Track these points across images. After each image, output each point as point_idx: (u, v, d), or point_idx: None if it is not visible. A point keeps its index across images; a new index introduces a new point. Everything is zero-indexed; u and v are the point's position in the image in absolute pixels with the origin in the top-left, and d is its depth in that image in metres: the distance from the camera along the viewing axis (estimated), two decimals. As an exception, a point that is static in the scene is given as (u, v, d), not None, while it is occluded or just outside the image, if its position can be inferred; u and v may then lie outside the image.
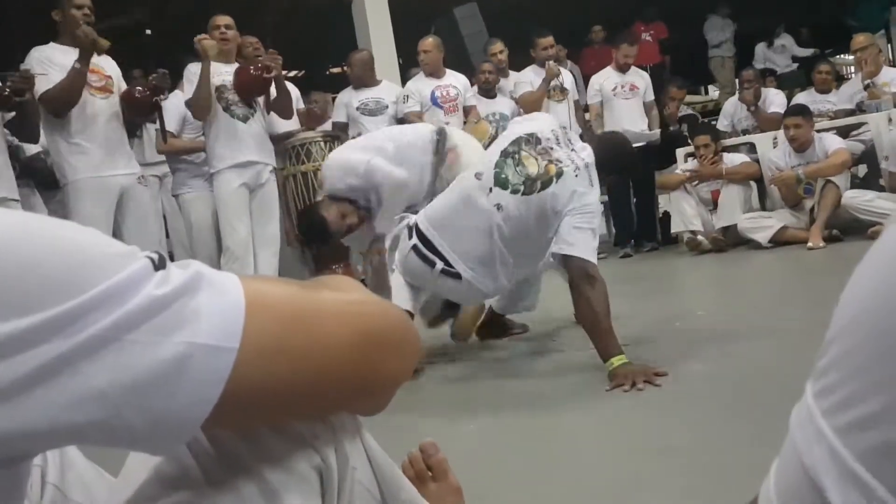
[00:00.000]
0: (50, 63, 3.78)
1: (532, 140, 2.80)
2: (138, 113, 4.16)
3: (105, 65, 4.00)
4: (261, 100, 4.49)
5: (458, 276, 2.80)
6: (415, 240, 2.84)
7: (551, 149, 2.77)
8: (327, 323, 0.56)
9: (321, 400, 0.59)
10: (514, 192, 2.72)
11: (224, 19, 4.41)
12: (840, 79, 6.75)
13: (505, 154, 2.79)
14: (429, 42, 5.79)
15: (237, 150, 4.33)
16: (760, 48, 9.55)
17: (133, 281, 0.47)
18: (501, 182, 2.74)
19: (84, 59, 3.76)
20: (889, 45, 9.07)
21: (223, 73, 4.32)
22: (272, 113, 4.59)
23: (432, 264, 2.80)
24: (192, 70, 4.32)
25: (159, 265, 0.50)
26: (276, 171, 4.58)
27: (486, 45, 6.42)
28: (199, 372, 0.48)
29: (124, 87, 4.08)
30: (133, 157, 4.23)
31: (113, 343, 0.46)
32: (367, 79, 5.57)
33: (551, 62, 5.93)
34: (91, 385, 0.46)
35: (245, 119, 4.37)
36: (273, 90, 4.47)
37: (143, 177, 4.23)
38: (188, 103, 4.35)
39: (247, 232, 4.34)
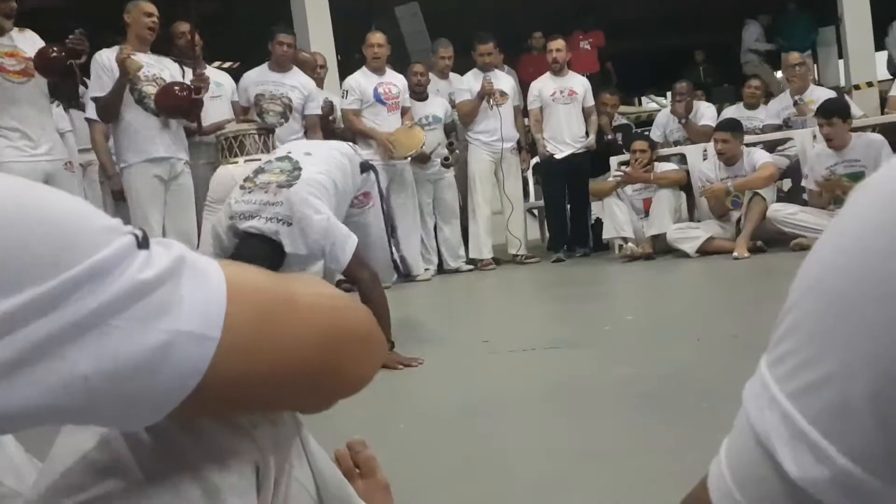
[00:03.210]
0: None
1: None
2: (52, 75, 3.91)
3: (24, 46, 3.80)
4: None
5: None
6: None
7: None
8: (302, 314, 0.55)
9: (292, 392, 0.57)
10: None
11: (153, 7, 4.20)
12: (768, 95, 6.95)
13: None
14: (380, 37, 5.76)
15: (150, 144, 4.18)
16: None
17: (117, 259, 0.46)
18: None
19: None
20: (815, 65, 9.41)
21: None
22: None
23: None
24: (101, 61, 4.13)
25: (143, 243, 0.48)
26: (189, 164, 4.44)
27: (435, 46, 6.42)
28: (180, 360, 0.47)
29: None
30: (59, 142, 4.07)
31: (97, 328, 0.45)
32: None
33: (488, 80, 5.96)
34: (74, 371, 0.44)
35: (158, 112, 4.22)
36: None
37: (69, 163, 4.08)
38: (95, 101, 4.18)
39: (159, 226, 4.21)
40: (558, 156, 6.12)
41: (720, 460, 0.44)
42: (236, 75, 5.53)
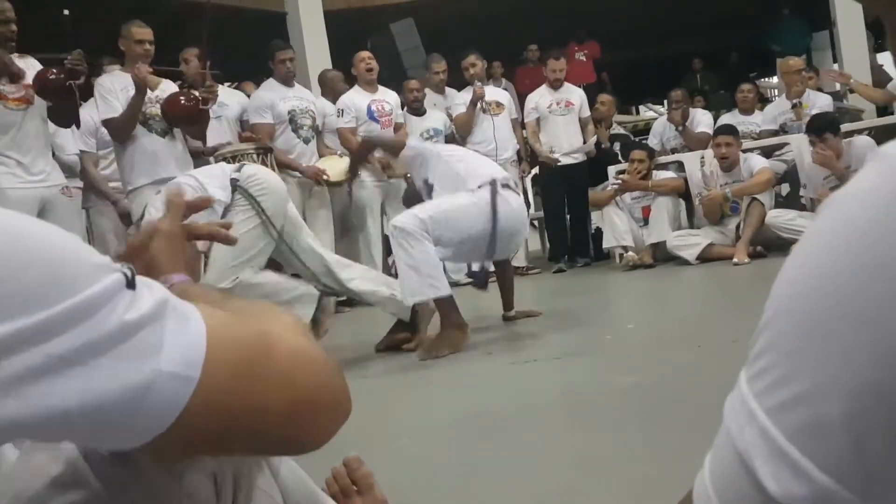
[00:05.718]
0: None
1: None
2: (52, 97, 3.91)
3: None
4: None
5: None
6: None
7: None
8: (281, 367, 0.55)
9: (258, 441, 0.58)
10: None
11: (148, 33, 4.20)
12: (763, 100, 6.97)
13: None
14: (368, 53, 5.79)
15: (156, 165, 4.15)
16: None
17: (105, 297, 0.47)
18: None
19: None
20: (816, 75, 9.46)
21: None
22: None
23: None
24: (105, 85, 4.14)
25: (131, 283, 0.49)
26: None
27: (428, 62, 6.44)
28: (159, 399, 0.48)
29: None
30: (56, 168, 4.09)
31: (83, 365, 0.46)
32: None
33: (479, 85, 5.98)
34: (57, 403, 0.46)
35: (164, 134, 4.21)
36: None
37: (66, 188, 4.10)
38: (107, 124, 4.18)
39: None
40: (562, 162, 6.13)
41: (704, 475, 0.44)
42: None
